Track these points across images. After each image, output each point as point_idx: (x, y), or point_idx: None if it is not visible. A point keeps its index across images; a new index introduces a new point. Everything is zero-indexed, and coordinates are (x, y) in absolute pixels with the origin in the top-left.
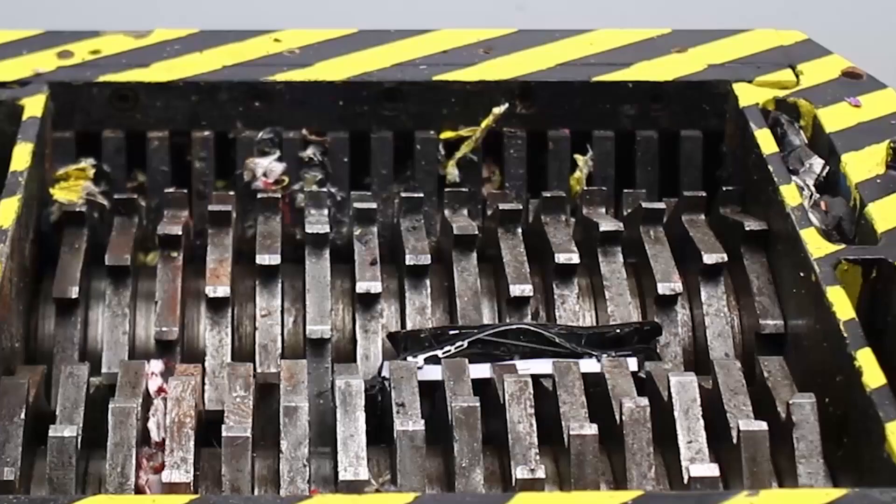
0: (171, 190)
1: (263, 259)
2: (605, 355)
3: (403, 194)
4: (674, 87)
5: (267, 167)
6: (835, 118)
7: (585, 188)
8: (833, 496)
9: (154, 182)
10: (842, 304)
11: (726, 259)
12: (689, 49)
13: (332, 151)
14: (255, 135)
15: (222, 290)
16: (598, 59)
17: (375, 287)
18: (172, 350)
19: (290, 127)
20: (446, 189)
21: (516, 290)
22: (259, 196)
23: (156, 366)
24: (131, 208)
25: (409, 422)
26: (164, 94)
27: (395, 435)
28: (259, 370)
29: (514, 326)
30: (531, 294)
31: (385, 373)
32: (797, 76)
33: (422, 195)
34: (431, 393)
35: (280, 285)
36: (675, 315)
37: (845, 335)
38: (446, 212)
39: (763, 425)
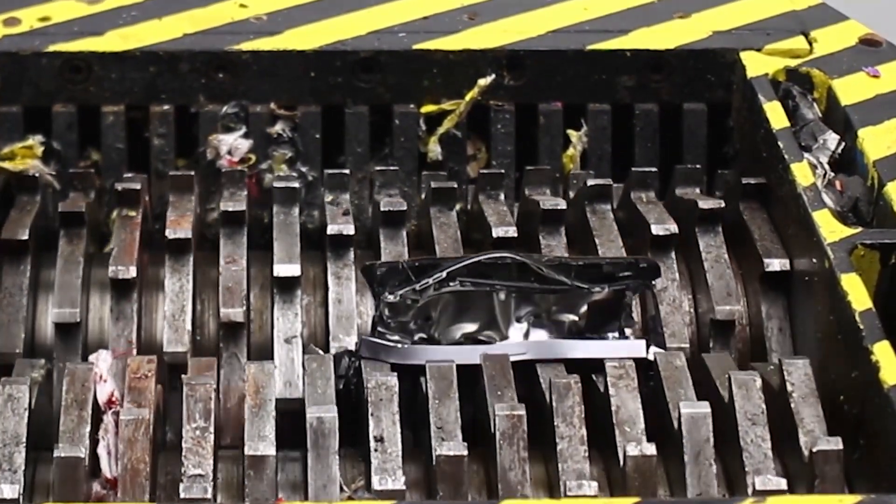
0: (76, 171)
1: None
2: (598, 289)
3: (378, 167)
4: (676, 56)
5: (232, 144)
6: (851, 90)
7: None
8: (848, 503)
9: (109, 160)
10: (858, 294)
11: (676, 231)
12: (693, 14)
13: (302, 127)
14: (219, 109)
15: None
16: (593, 25)
17: (348, 229)
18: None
19: (257, 100)
20: (424, 172)
21: (499, 231)
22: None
23: (104, 360)
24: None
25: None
26: (119, 65)
27: (370, 437)
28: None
29: (497, 255)
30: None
31: (364, 352)
32: (810, 44)
33: (396, 168)
34: (411, 378)
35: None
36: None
37: (861, 327)
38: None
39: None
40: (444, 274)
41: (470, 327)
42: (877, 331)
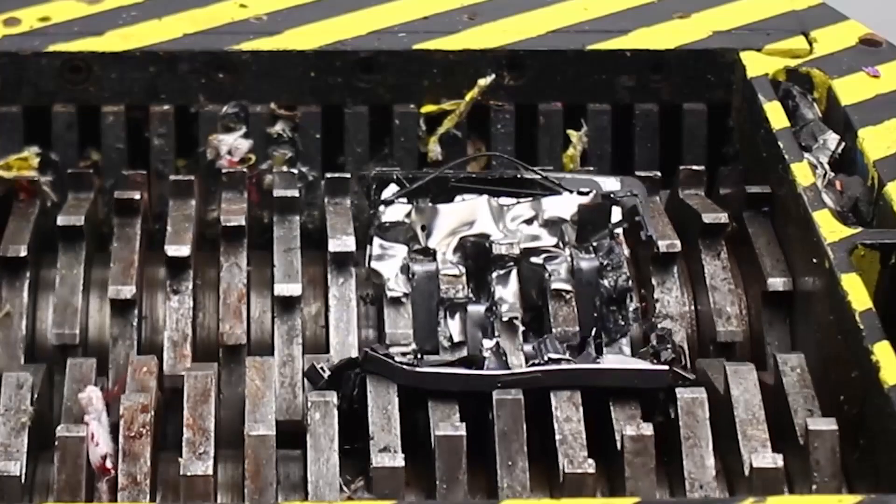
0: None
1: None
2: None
3: (377, 170)
4: (676, 56)
5: (232, 144)
6: (851, 90)
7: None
8: (848, 502)
9: (109, 161)
10: (858, 294)
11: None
12: (693, 14)
13: (302, 127)
14: (219, 109)
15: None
16: (593, 25)
17: (345, 175)
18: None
19: (257, 100)
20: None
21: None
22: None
23: (95, 406)
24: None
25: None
26: (119, 65)
27: (370, 441)
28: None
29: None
30: None
31: (370, 367)
32: (810, 44)
33: (397, 169)
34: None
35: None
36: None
37: (861, 327)
38: None
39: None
40: (435, 174)
41: (463, 230)
42: (877, 331)
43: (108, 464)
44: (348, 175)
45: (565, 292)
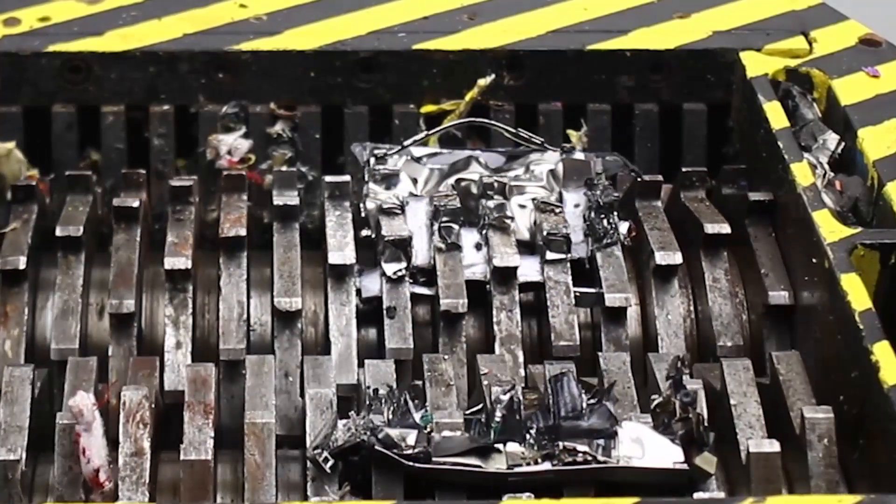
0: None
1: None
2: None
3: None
4: (676, 57)
5: (232, 144)
6: (851, 90)
7: None
8: (847, 502)
9: (109, 161)
10: (857, 293)
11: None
12: (693, 14)
13: (302, 127)
14: (219, 109)
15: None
16: (592, 25)
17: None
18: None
19: (256, 100)
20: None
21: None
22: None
23: (87, 417)
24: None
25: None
26: (119, 65)
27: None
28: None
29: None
30: None
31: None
32: (810, 44)
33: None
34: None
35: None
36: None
37: (861, 327)
38: None
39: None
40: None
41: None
42: (877, 331)
43: (102, 476)
44: (348, 178)
45: (555, 205)
